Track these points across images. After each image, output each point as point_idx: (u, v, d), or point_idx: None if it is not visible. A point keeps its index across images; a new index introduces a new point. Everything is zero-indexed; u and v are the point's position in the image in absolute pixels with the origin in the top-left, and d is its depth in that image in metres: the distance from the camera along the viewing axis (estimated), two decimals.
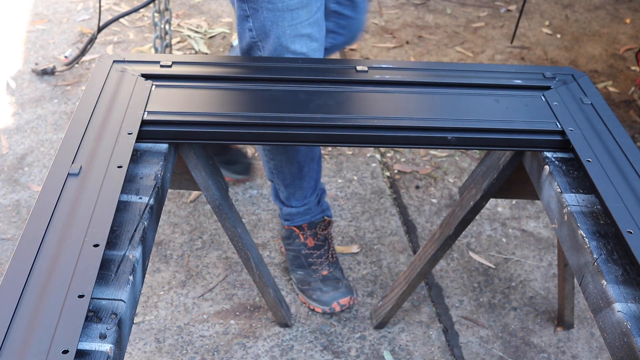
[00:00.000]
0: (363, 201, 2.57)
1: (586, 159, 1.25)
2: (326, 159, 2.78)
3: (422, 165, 2.80)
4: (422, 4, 4.06)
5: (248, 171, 2.58)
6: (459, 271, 2.29)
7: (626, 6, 4.13)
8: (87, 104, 1.33)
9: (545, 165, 1.30)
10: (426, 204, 2.58)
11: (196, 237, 2.36)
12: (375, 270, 2.27)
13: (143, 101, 1.34)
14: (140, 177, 1.19)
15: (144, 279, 1.10)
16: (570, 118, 1.37)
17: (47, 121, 2.89)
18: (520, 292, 2.22)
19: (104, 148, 1.21)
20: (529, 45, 3.69)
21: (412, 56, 3.54)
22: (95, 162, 1.17)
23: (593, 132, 1.34)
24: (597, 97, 1.45)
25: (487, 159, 1.57)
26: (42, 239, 1.01)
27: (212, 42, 3.57)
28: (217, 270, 2.23)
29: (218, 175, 1.57)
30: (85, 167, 1.16)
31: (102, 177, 1.13)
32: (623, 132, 1.34)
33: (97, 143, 1.22)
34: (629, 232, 1.08)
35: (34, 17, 3.67)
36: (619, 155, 1.27)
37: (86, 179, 1.13)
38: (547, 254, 2.36)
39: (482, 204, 1.59)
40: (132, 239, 1.05)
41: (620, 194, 1.16)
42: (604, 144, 1.30)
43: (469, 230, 2.44)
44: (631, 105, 3.21)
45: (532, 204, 2.58)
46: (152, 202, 1.14)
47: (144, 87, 1.38)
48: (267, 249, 2.34)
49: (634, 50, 3.61)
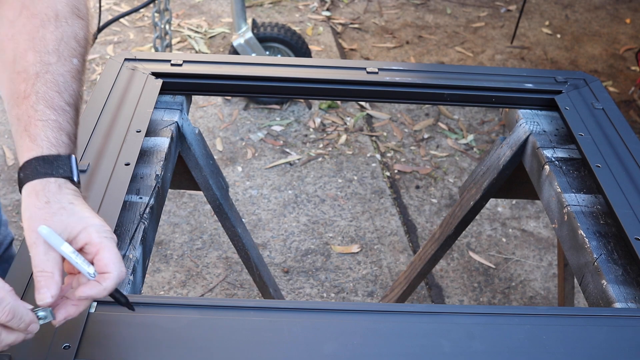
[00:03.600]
0: (363, 201, 2.57)
1: (595, 164, 1.25)
2: (326, 159, 2.79)
3: (422, 165, 2.80)
4: (422, 4, 4.06)
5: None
6: (459, 271, 2.29)
7: (626, 6, 4.13)
8: (97, 101, 1.33)
9: (545, 165, 1.30)
10: (426, 204, 2.58)
11: (196, 237, 2.36)
12: (375, 270, 2.27)
13: (153, 99, 1.34)
14: (141, 177, 1.19)
15: (144, 279, 1.10)
16: (581, 123, 1.37)
17: None
18: (520, 292, 2.22)
19: (112, 145, 1.21)
20: (529, 45, 3.69)
21: (412, 56, 3.54)
22: (104, 159, 1.17)
23: (603, 137, 1.33)
24: (609, 102, 1.45)
25: (487, 158, 1.57)
26: None
27: (212, 42, 3.57)
28: (217, 270, 2.23)
29: (218, 175, 1.57)
30: (93, 164, 1.16)
31: (110, 175, 1.14)
32: (634, 137, 1.34)
33: (105, 140, 1.22)
34: (637, 239, 1.08)
35: None
36: (629, 161, 1.27)
37: (94, 176, 1.13)
38: (547, 254, 2.36)
39: (482, 203, 1.59)
40: (132, 239, 1.05)
41: (629, 200, 1.16)
42: (614, 150, 1.30)
43: (469, 230, 2.44)
44: (631, 105, 3.21)
45: (532, 204, 2.58)
46: (152, 202, 1.14)
47: (154, 86, 1.38)
48: (267, 249, 2.34)
49: (634, 50, 3.61)
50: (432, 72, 1.53)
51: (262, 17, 3.79)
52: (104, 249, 0.81)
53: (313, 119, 3.03)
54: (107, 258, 0.80)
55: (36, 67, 0.90)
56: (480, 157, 2.85)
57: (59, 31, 0.93)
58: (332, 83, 1.47)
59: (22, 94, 0.89)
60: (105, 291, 0.80)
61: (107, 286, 0.80)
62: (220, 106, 3.08)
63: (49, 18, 0.93)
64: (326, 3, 4.01)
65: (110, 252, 0.81)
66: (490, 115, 3.12)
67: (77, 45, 0.95)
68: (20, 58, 0.91)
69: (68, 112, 0.90)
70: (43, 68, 0.90)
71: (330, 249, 2.38)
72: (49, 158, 0.86)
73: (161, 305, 0.92)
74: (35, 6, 0.94)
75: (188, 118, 1.42)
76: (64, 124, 0.89)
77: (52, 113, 0.88)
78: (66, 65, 0.92)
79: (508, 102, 1.47)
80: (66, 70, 0.92)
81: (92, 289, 0.80)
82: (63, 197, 0.84)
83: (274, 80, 1.45)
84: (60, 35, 0.93)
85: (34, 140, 0.87)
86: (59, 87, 0.90)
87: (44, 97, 0.89)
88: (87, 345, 0.85)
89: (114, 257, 0.81)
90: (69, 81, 0.92)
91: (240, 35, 2.88)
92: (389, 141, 2.93)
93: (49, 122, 0.88)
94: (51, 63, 0.91)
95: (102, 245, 0.81)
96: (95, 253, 0.81)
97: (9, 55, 0.92)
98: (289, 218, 2.49)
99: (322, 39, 3.64)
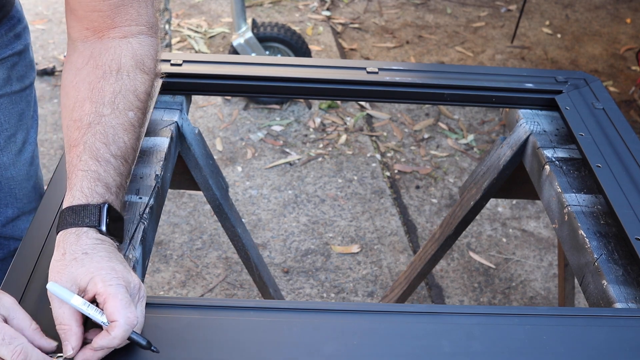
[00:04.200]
0: (363, 201, 2.57)
1: (596, 165, 1.25)
2: (326, 159, 2.79)
3: (422, 165, 2.79)
4: (422, 3, 4.06)
5: None
6: (459, 271, 2.29)
7: (626, 6, 4.13)
8: None
9: (545, 165, 1.30)
10: (426, 204, 2.58)
11: (196, 237, 2.36)
12: (375, 270, 2.27)
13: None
14: (140, 177, 1.19)
15: (144, 279, 1.09)
16: (582, 123, 1.37)
17: (47, 121, 2.89)
18: (520, 292, 2.22)
19: None
20: (529, 45, 3.69)
21: (412, 56, 3.54)
22: None
23: (604, 137, 1.33)
24: (609, 102, 1.45)
25: (487, 158, 1.57)
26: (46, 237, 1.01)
27: (212, 42, 3.57)
28: (217, 270, 2.23)
29: (218, 175, 1.57)
30: None
31: None
32: (634, 137, 1.34)
33: None
34: (637, 239, 1.08)
35: (34, 16, 3.67)
36: (630, 161, 1.27)
37: None
38: (547, 254, 2.36)
39: (482, 204, 1.58)
40: (132, 239, 1.05)
41: (630, 200, 1.16)
42: (614, 149, 1.30)
43: (469, 230, 2.44)
44: (631, 105, 3.21)
45: (532, 204, 2.58)
46: (152, 202, 1.14)
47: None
48: (267, 249, 2.34)
49: (634, 50, 3.61)
50: (432, 72, 1.53)
51: (262, 17, 3.79)
52: (108, 297, 0.80)
53: (313, 118, 3.02)
54: (112, 307, 0.80)
55: (90, 117, 0.93)
56: (481, 157, 2.85)
57: (118, 84, 0.96)
58: (332, 83, 1.47)
59: (74, 142, 0.93)
60: (115, 339, 0.79)
61: (115, 335, 0.79)
62: (220, 106, 3.08)
63: (112, 70, 0.97)
64: (326, 3, 4.01)
65: (115, 300, 0.80)
66: (491, 115, 3.12)
67: (135, 99, 0.97)
68: (78, 107, 0.95)
69: (112, 164, 0.92)
70: (96, 119, 0.93)
71: (330, 249, 2.37)
72: (77, 208, 0.88)
73: (161, 306, 0.92)
74: (101, 58, 0.97)
75: (188, 118, 1.41)
76: (103, 175, 0.91)
77: (93, 164, 0.91)
78: (120, 117, 0.95)
79: (508, 102, 1.47)
80: (118, 123, 0.94)
81: (102, 339, 0.80)
82: (78, 248, 0.85)
83: (274, 80, 1.45)
84: (118, 89, 0.96)
85: (70, 190, 0.90)
86: (107, 138, 0.93)
87: (90, 147, 0.92)
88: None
89: (119, 304, 0.80)
90: (119, 133, 0.94)
91: (240, 35, 2.88)
92: (389, 141, 2.93)
93: (89, 172, 0.90)
94: (104, 115, 0.94)
95: (107, 293, 0.80)
96: (103, 303, 0.81)
97: (70, 102, 0.96)
98: (289, 218, 2.49)
99: (322, 38, 3.64)
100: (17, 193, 1.31)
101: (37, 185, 1.37)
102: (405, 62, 2.84)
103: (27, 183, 1.33)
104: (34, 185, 1.36)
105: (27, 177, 1.33)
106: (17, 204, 1.32)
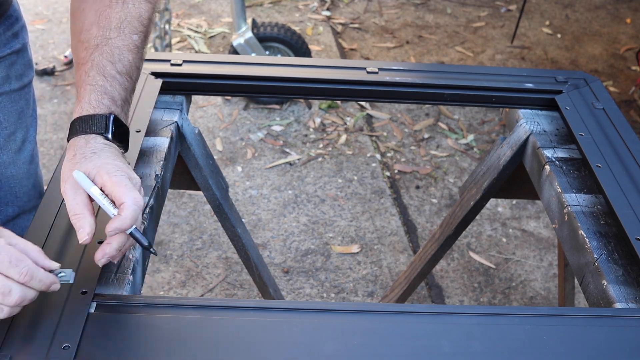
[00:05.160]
0: (363, 201, 2.57)
1: (596, 165, 1.25)
2: (326, 159, 2.79)
3: (423, 165, 2.79)
4: (422, 3, 4.06)
5: None
6: (459, 271, 2.29)
7: (626, 6, 4.13)
8: None
9: (545, 165, 1.30)
10: (426, 204, 2.58)
11: (196, 237, 2.36)
12: (375, 270, 2.27)
13: (152, 99, 1.34)
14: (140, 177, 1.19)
15: (144, 279, 1.09)
16: (582, 123, 1.37)
17: (47, 121, 2.89)
18: (520, 292, 2.22)
19: None
20: (530, 45, 3.69)
21: (412, 56, 3.54)
22: None
23: (604, 137, 1.33)
24: (609, 102, 1.45)
25: (487, 158, 1.57)
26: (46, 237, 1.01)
27: (212, 42, 3.57)
28: (217, 270, 2.23)
29: (218, 175, 1.57)
30: None
31: None
32: (634, 137, 1.34)
33: None
34: (637, 239, 1.08)
35: (34, 16, 3.67)
36: (630, 161, 1.27)
37: None
38: (547, 254, 2.36)
39: (482, 204, 1.58)
40: None
41: (630, 200, 1.16)
42: (614, 149, 1.30)
43: (469, 230, 2.44)
44: (631, 105, 3.21)
45: (532, 204, 2.58)
46: (152, 202, 1.14)
47: (154, 86, 1.38)
48: (267, 249, 2.34)
49: (634, 50, 3.61)
50: (432, 72, 1.53)
51: (262, 17, 3.79)
52: (114, 185, 0.88)
53: (313, 118, 3.02)
54: (118, 191, 0.87)
55: (97, 40, 1.02)
56: (481, 157, 2.85)
57: (124, 12, 1.04)
58: (332, 83, 1.47)
59: (82, 60, 1.01)
60: (127, 219, 0.86)
61: (126, 215, 0.86)
62: (220, 106, 3.08)
63: (117, 0, 1.04)
64: (326, 3, 4.01)
65: (120, 185, 0.87)
66: (491, 115, 3.12)
67: (140, 25, 1.06)
68: (86, 30, 1.03)
69: (117, 80, 1.00)
70: (103, 41, 1.01)
71: (330, 249, 2.37)
72: (86, 118, 0.96)
73: (161, 306, 0.92)
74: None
75: (188, 118, 1.41)
76: (109, 89, 0.99)
77: (100, 79, 0.99)
78: (125, 40, 1.03)
79: (508, 102, 1.47)
80: (123, 44, 1.03)
81: (114, 222, 0.86)
82: (87, 149, 0.93)
83: (274, 80, 1.45)
84: (124, 16, 1.04)
85: (79, 102, 0.98)
86: (113, 57, 1.01)
87: (97, 64, 1.00)
88: (87, 346, 0.85)
89: (124, 188, 0.88)
90: (124, 53, 1.02)
91: (240, 35, 2.88)
92: (389, 141, 2.93)
93: (96, 86, 0.99)
94: (111, 38, 1.02)
95: (112, 181, 0.88)
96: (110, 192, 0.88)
97: (77, 26, 1.05)
98: (289, 218, 2.49)
99: (322, 38, 3.64)
100: (17, 191, 1.32)
101: (37, 184, 1.37)
102: (405, 62, 2.84)
103: (27, 181, 1.33)
104: (34, 183, 1.36)
105: (27, 176, 1.33)
106: (17, 203, 1.32)
